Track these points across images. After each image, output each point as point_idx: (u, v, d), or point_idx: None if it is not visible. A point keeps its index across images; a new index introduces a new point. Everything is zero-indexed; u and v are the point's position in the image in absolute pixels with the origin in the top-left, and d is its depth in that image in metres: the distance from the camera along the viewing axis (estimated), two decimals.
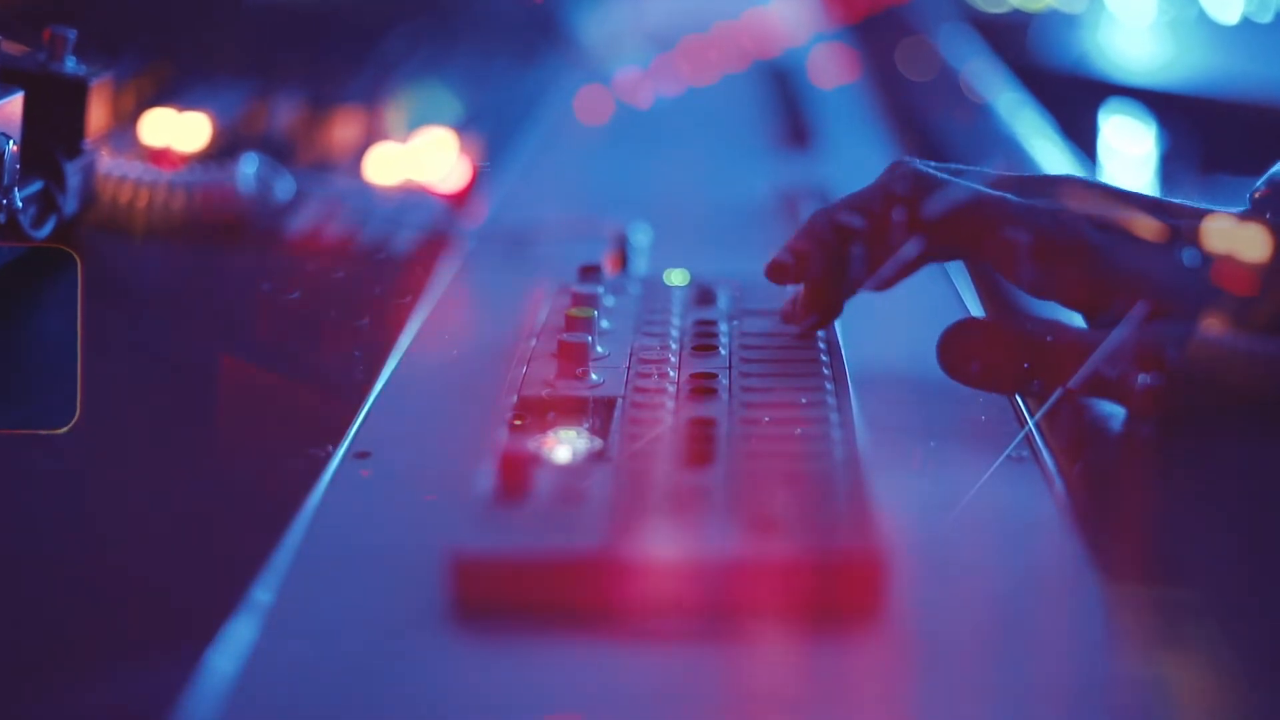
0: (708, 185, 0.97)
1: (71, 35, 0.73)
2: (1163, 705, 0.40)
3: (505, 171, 1.00)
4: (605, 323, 0.61)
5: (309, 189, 0.87)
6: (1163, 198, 0.60)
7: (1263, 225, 0.58)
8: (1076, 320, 0.60)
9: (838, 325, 0.61)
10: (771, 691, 0.41)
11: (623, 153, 1.09)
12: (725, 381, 0.55)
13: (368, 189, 0.90)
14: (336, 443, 0.55)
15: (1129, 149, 1.84)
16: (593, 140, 1.13)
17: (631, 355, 0.58)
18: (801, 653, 0.42)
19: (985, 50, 1.62)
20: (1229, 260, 0.57)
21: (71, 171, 0.73)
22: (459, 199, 0.91)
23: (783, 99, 1.25)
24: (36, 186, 0.70)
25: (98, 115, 0.75)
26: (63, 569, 0.49)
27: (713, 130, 1.19)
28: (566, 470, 0.48)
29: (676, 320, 0.62)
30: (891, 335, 0.66)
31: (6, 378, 0.62)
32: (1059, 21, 2.18)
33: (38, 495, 0.54)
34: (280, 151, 0.93)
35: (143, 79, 0.97)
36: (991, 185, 0.59)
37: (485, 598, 0.43)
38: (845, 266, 0.60)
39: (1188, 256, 0.57)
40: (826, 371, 0.56)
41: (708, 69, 1.41)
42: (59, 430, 0.57)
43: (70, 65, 0.73)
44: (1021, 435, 0.55)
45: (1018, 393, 0.58)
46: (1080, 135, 1.61)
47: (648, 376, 0.56)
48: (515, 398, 0.55)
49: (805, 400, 0.53)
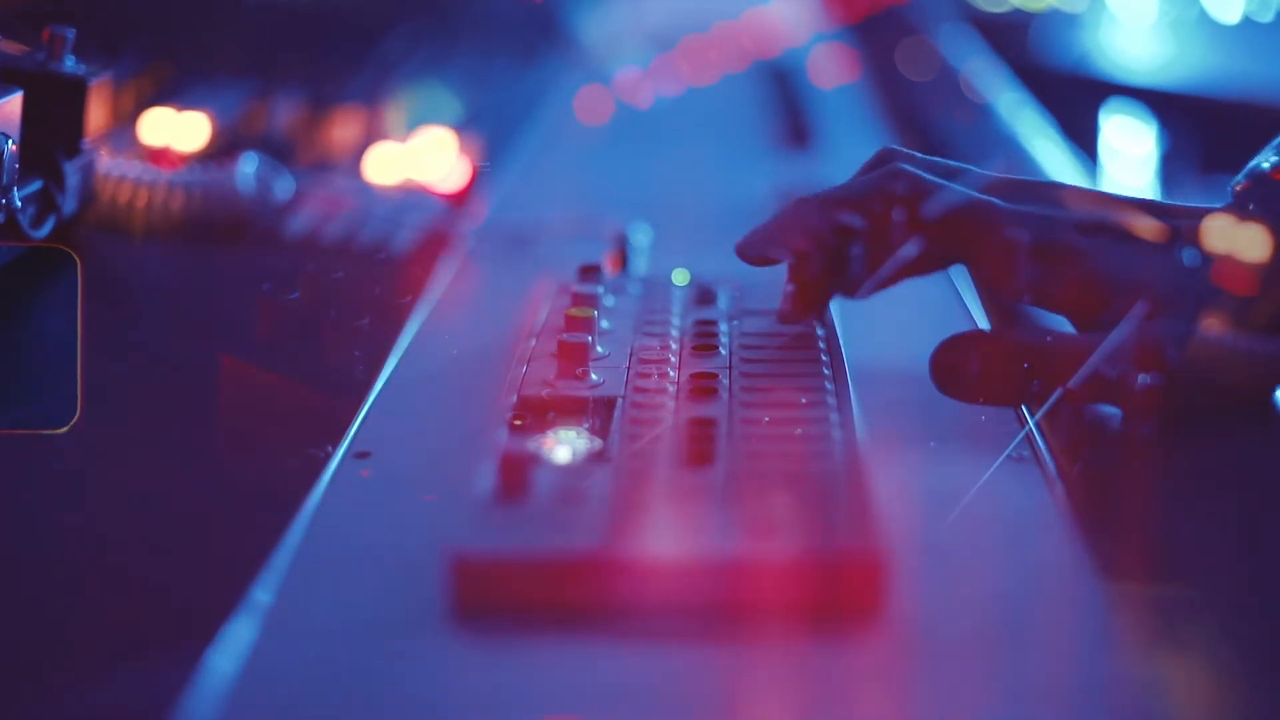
0: (708, 185, 0.97)
1: (70, 35, 0.73)
2: (1163, 705, 0.40)
3: (505, 171, 1.00)
4: (605, 323, 0.61)
5: (309, 189, 0.87)
6: (1144, 197, 0.60)
7: (1260, 225, 0.58)
8: (1065, 327, 0.60)
9: (838, 325, 0.61)
10: (772, 692, 0.41)
11: (623, 153, 1.09)
12: (725, 381, 0.55)
13: (367, 189, 0.90)
14: (336, 443, 0.55)
15: (1130, 149, 1.84)
16: (593, 140, 1.13)
17: (631, 355, 0.58)
18: (802, 653, 0.42)
19: (986, 50, 1.62)
20: (1219, 259, 0.57)
21: (71, 171, 0.73)
22: (459, 199, 0.91)
23: (783, 99, 1.25)
24: (35, 186, 0.70)
25: (97, 115, 0.75)
26: (63, 569, 0.48)
27: (713, 130, 1.19)
28: (566, 470, 0.48)
29: (676, 320, 0.62)
30: (891, 334, 0.66)
31: (6, 378, 0.62)
32: (1060, 21, 2.18)
33: (38, 495, 0.54)
34: (280, 151, 0.93)
35: (142, 78, 0.97)
36: (978, 188, 0.59)
37: (485, 598, 0.43)
38: (844, 264, 0.60)
39: (1174, 256, 0.57)
40: (827, 371, 0.56)
41: (708, 69, 1.40)
42: (59, 430, 0.57)
43: (69, 65, 0.73)
44: (1021, 435, 0.55)
45: (1019, 403, 0.57)
46: (1081, 135, 1.61)
47: (648, 376, 0.56)
48: (515, 398, 0.55)
49: (805, 400, 0.53)
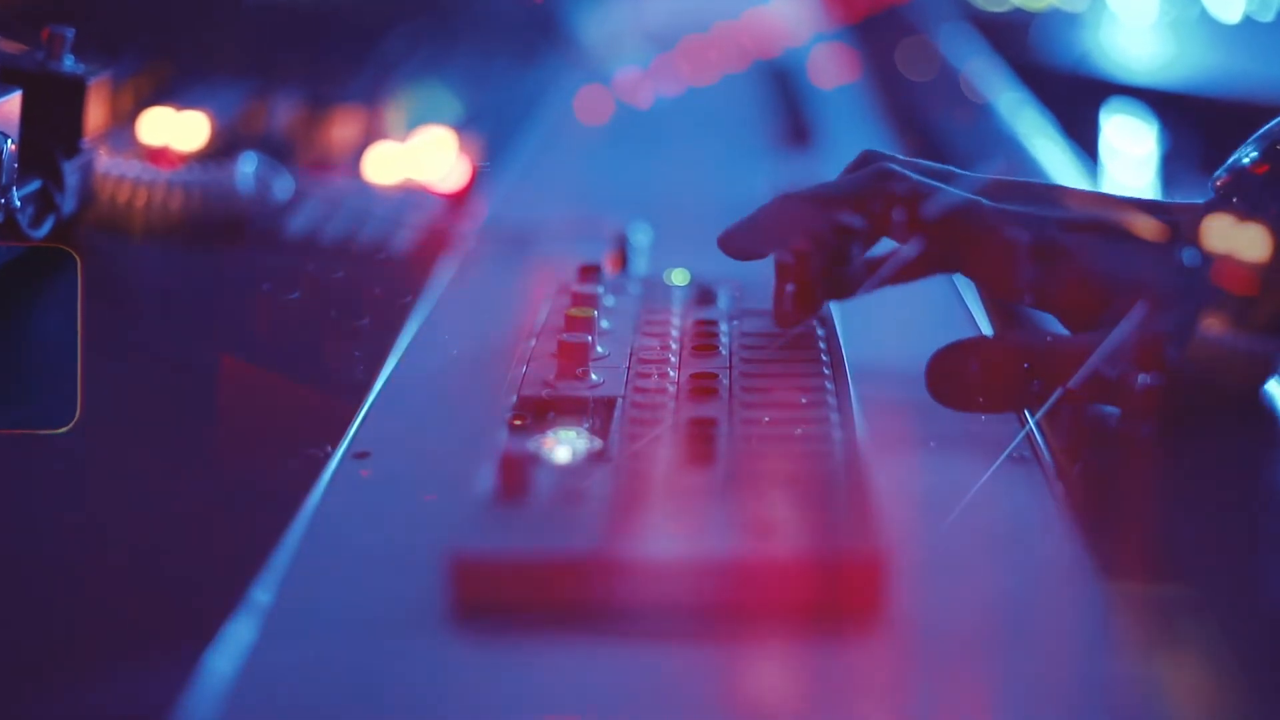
0: (708, 185, 0.97)
1: (70, 34, 0.73)
2: (1163, 705, 0.40)
3: (505, 171, 1.00)
4: (605, 323, 0.61)
5: (308, 189, 0.87)
6: (1130, 196, 0.60)
7: (1259, 224, 0.58)
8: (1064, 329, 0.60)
9: (838, 325, 0.61)
10: (772, 692, 0.41)
11: (623, 153, 1.09)
12: (725, 381, 0.55)
13: (367, 189, 0.90)
14: (336, 443, 0.55)
15: (1130, 148, 1.84)
16: (593, 140, 1.13)
17: (631, 355, 0.58)
18: (802, 653, 0.42)
19: (986, 49, 1.61)
20: (1217, 258, 0.57)
21: (70, 171, 0.72)
22: (459, 199, 0.91)
23: (783, 99, 1.25)
24: (35, 186, 0.70)
25: (96, 114, 0.75)
26: (63, 569, 0.48)
27: (713, 130, 1.19)
28: (566, 470, 0.48)
29: (676, 320, 0.62)
30: (891, 334, 0.66)
31: (6, 378, 0.62)
32: (1060, 20, 2.18)
33: (38, 495, 0.54)
34: (279, 151, 0.93)
35: (141, 78, 0.97)
36: (972, 190, 0.60)
37: (485, 598, 0.43)
38: (840, 265, 0.60)
39: (1170, 253, 0.57)
40: (827, 371, 0.56)
41: (708, 69, 1.40)
42: (59, 430, 0.57)
43: (68, 64, 0.73)
44: (1021, 435, 0.55)
45: (1018, 409, 0.57)
46: (1082, 135, 1.60)
47: (648, 376, 0.56)
48: (515, 398, 0.55)
49: (805, 400, 0.53)
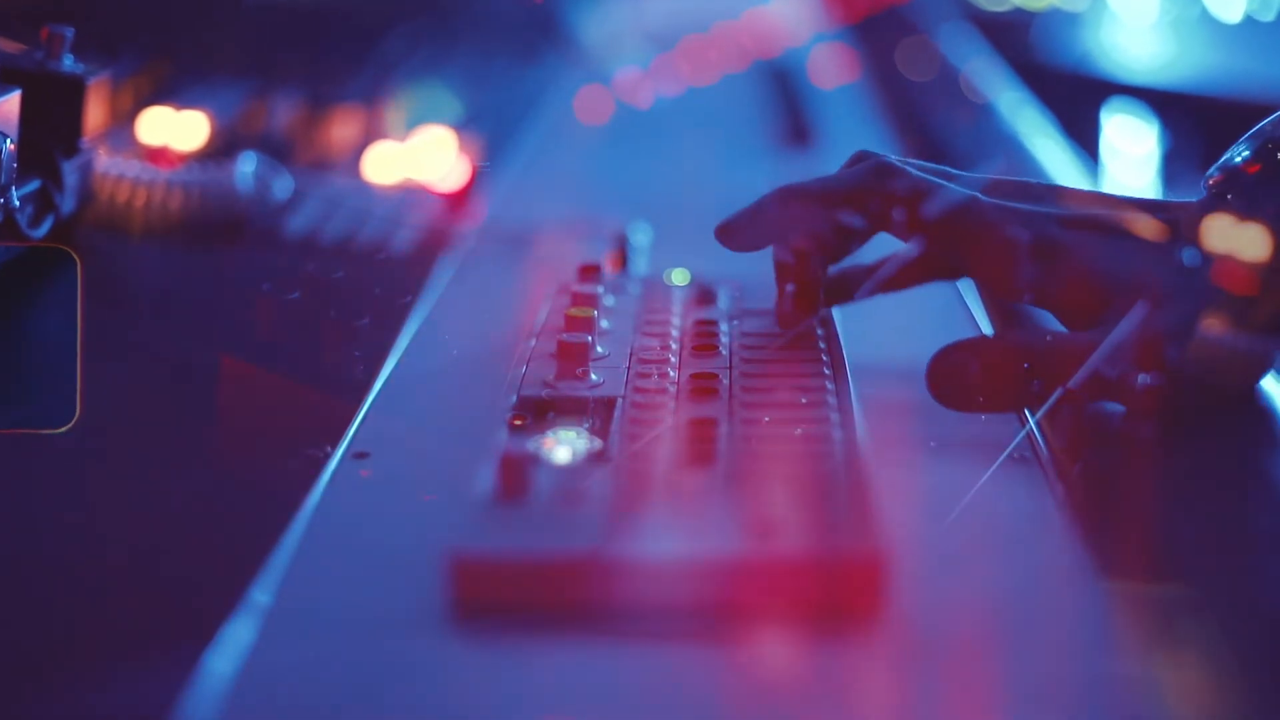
0: (708, 185, 0.97)
1: (69, 33, 0.73)
2: (1163, 705, 0.40)
3: (505, 171, 1.00)
4: (605, 323, 0.61)
5: (308, 188, 0.87)
6: (1127, 195, 0.60)
7: (1259, 224, 0.57)
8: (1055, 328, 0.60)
9: (838, 325, 0.61)
10: (772, 692, 0.41)
11: (623, 153, 1.09)
12: (725, 381, 0.55)
13: (367, 188, 0.90)
14: (335, 443, 0.55)
15: (1131, 148, 1.84)
16: (593, 140, 1.13)
17: (631, 355, 0.58)
18: (802, 653, 0.42)
19: (987, 49, 1.61)
20: (1217, 257, 0.57)
21: (69, 170, 0.72)
22: (458, 198, 0.91)
23: (783, 99, 1.25)
24: (34, 185, 0.70)
25: (95, 114, 0.75)
26: (63, 569, 0.48)
27: (713, 130, 1.19)
28: (566, 470, 0.48)
29: (676, 320, 0.62)
30: (891, 335, 0.66)
31: (6, 378, 0.62)
32: (1061, 20, 2.18)
33: (38, 495, 0.54)
34: (279, 151, 0.93)
35: (141, 77, 0.97)
36: (972, 189, 0.60)
37: (485, 598, 0.43)
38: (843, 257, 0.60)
39: (1169, 252, 0.57)
40: (827, 371, 0.56)
41: (708, 69, 1.40)
42: (59, 430, 0.57)
43: (68, 63, 0.73)
44: (1022, 435, 0.55)
45: (1018, 409, 0.57)
46: (1082, 134, 1.60)
47: (648, 376, 0.56)
48: (515, 398, 0.55)
49: (805, 400, 0.53)
